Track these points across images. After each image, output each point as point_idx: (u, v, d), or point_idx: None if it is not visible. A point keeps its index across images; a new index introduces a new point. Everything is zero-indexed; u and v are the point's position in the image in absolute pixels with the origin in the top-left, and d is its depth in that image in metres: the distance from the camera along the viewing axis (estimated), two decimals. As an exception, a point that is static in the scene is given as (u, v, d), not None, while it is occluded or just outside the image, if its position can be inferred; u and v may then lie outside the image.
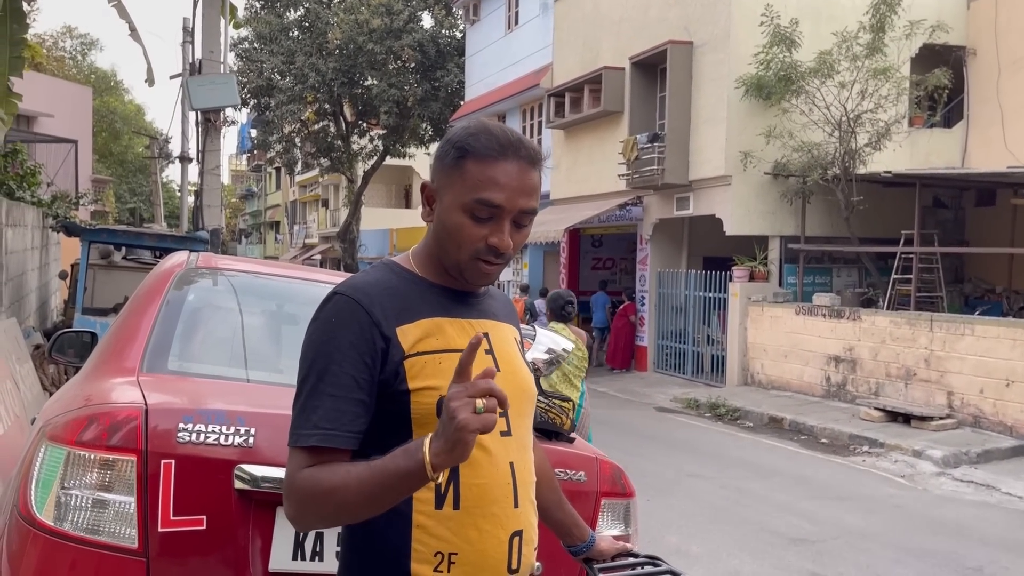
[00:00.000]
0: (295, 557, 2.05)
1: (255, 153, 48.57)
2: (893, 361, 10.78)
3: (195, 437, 1.97)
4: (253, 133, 33.40)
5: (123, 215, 40.90)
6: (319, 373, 1.41)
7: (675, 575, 1.79)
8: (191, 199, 19.67)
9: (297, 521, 1.41)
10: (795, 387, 12.24)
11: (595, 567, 1.83)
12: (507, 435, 1.50)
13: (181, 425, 1.98)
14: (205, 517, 1.97)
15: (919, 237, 11.49)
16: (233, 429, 2.01)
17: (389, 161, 29.12)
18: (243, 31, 25.69)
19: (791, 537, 6.05)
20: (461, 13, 24.32)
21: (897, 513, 6.89)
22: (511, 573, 1.48)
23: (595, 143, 16.28)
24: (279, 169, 46.16)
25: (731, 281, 13.25)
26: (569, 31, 17.28)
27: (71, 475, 1.91)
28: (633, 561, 1.87)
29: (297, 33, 26.02)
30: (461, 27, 25.18)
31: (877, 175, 11.77)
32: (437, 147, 1.55)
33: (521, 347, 1.67)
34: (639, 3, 14.94)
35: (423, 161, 30.91)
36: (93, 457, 1.91)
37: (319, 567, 2.06)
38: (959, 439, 9.20)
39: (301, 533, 2.05)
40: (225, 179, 47.58)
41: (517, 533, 1.48)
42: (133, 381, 2.18)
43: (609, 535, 2.12)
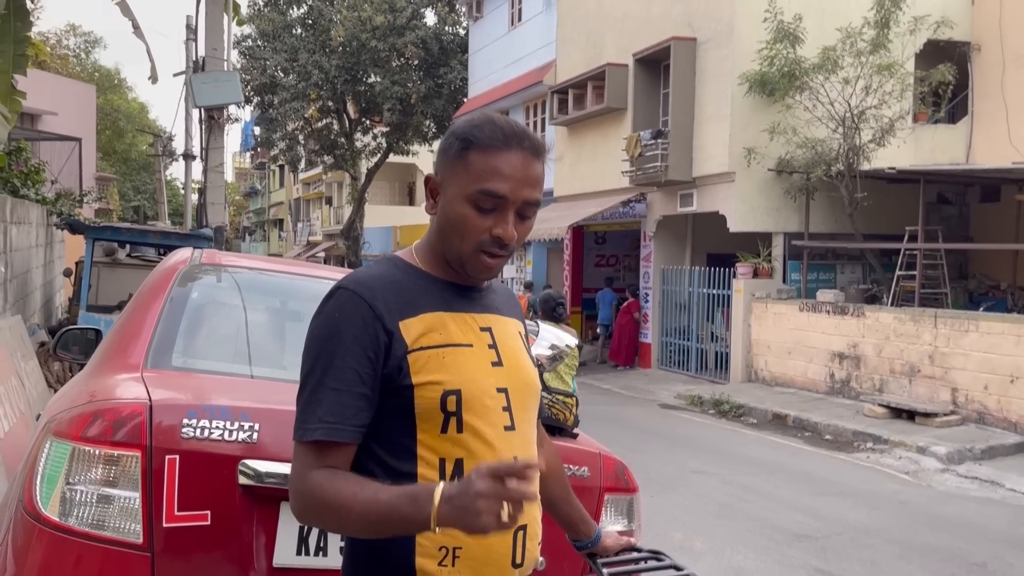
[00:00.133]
0: (299, 552, 2.05)
1: (259, 151, 48.66)
2: (897, 357, 10.76)
3: (199, 433, 1.98)
4: (257, 131, 33.42)
5: (127, 213, 40.98)
6: (323, 367, 1.41)
7: (679, 570, 1.79)
8: (195, 197, 19.68)
9: (300, 519, 1.45)
10: (799, 384, 12.23)
11: (599, 562, 1.83)
12: (511, 430, 1.50)
13: (185, 421, 1.98)
14: (209, 512, 1.97)
15: (923, 233, 11.46)
16: (237, 425, 2.01)
17: (392, 158, 29.13)
18: (246, 28, 25.78)
19: (795, 533, 6.05)
20: (464, 10, 24.30)
21: (901, 509, 6.88)
22: (515, 567, 1.49)
23: (599, 140, 16.25)
24: (283, 167, 46.24)
25: (735, 278, 13.23)
26: (572, 28, 17.24)
27: (76, 471, 1.91)
28: (637, 556, 1.87)
29: (300, 30, 26.02)
30: (464, 24, 25.15)
31: (881, 171, 11.73)
32: (441, 140, 1.55)
33: (526, 341, 1.67)
34: (642, -1, 14.92)
35: (427, 158, 30.86)
36: (98, 453, 1.92)
37: (323, 562, 2.06)
38: (963, 435, 9.19)
39: (305, 528, 2.05)
40: (229, 177, 47.69)
41: (521, 528, 1.49)
42: (137, 377, 2.19)
43: (613, 531, 2.13)
